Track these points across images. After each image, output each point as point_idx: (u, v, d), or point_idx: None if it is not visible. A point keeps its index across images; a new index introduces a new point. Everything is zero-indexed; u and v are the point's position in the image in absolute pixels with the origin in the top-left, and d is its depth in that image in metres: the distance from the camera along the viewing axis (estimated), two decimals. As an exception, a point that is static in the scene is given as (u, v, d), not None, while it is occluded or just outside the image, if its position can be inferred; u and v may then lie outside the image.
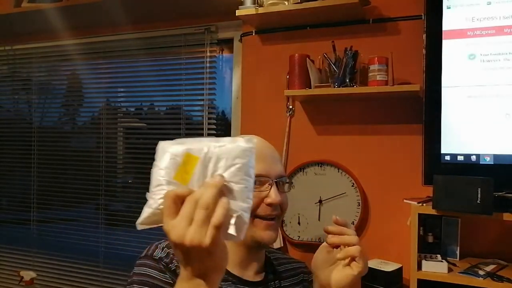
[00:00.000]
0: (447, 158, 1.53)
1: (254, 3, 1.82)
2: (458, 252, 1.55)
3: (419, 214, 1.44)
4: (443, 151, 1.53)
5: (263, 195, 0.89)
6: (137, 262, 0.91)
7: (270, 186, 0.90)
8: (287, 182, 0.96)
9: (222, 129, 2.21)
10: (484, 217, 1.36)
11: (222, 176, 0.55)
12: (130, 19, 2.19)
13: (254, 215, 0.88)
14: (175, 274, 0.86)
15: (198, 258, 0.55)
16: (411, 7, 1.71)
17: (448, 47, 1.53)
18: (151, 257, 0.90)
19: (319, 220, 1.82)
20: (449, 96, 1.52)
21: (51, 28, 2.32)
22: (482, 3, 1.50)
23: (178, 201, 0.55)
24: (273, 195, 0.89)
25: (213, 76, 2.14)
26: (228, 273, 0.90)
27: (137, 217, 0.60)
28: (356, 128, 1.82)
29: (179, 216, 0.54)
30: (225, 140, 0.57)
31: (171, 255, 0.90)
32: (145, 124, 2.48)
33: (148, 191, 0.59)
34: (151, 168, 0.58)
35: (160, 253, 0.90)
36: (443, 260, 1.44)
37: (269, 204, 0.89)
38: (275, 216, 0.91)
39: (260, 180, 0.89)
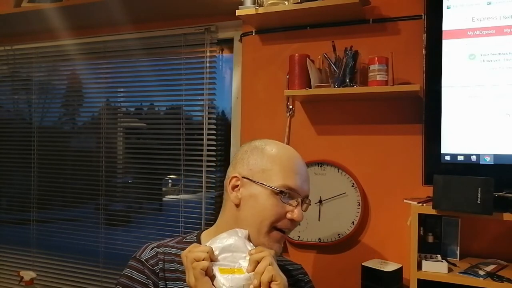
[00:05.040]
0: (447, 158, 1.53)
1: (254, 3, 1.82)
2: (458, 252, 1.55)
3: (419, 214, 1.43)
4: (443, 151, 1.53)
5: (288, 209, 0.91)
6: (128, 263, 0.96)
7: (297, 204, 0.92)
8: (309, 204, 0.98)
9: (222, 129, 2.21)
10: (484, 217, 1.36)
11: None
12: (130, 19, 2.19)
13: (273, 226, 0.90)
14: (158, 276, 0.91)
15: None
16: (411, 7, 1.71)
17: (448, 47, 1.53)
18: (138, 258, 0.94)
19: (319, 220, 1.82)
20: (449, 96, 1.52)
21: (51, 28, 2.32)
22: (482, 3, 1.50)
23: None
24: (298, 213, 0.91)
25: (213, 76, 2.14)
26: None
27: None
28: (356, 128, 1.82)
29: None
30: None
31: (159, 256, 0.93)
32: (145, 124, 2.48)
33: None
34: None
35: (148, 254, 0.94)
36: (443, 260, 1.44)
37: (291, 220, 0.91)
38: (290, 230, 0.94)
39: (291, 194, 0.91)
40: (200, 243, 0.97)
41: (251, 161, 0.94)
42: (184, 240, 1.00)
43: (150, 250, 0.95)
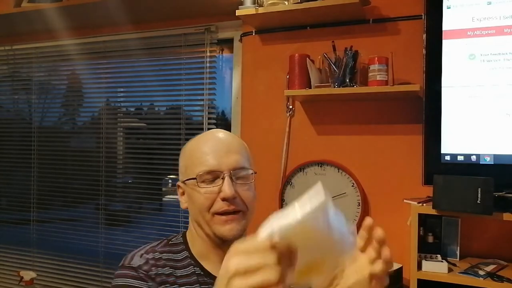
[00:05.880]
0: (447, 158, 1.53)
1: (254, 3, 1.82)
2: (458, 252, 1.55)
3: (419, 214, 1.44)
4: (443, 151, 1.53)
5: (217, 190, 0.85)
6: (116, 273, 0.88)
7: (222, 180, 0.86)
8: (250, 173, 0.90)
9: (222, 129, 2.21)
10: (484, 217, 1.36)
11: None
12: (130, 19, 2.19)
13: (211, 212, 0.86)
14: (155, 281, 0.86)
15: None
16: (411, 7, 1.71)
17: (448, 47, 1.53)
18: (129, 266, 0.87)
19: (319, 220, 1.82)
20: (449, 96, 1.52)
21: (51, 28, 2.32)
22: (482, 3, 1.50)
23: None
24: (226, 188, 0.84)
25: (213, 76, 2.14)
26: (193, 259, 0.90)
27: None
28: (356, 128, 1.82)
29: None
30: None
31: (151, 262, 0.88)
32: (145, 124, 2.48)
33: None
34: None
35: (139, 260, 0.88)
36: (443, 260, 1.45)
37: (223, 199, 0.85)
38: (234, 211, 0.86)
39: (210, 175, 0.86)
40: (186, 244, 0.93)
41: (179, 165, 0.95)
42: (170, 242, 0.94)
43: (140, 257, 0.89)
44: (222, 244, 0.88)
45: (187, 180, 0.90)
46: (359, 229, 0.63)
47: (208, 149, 0.89)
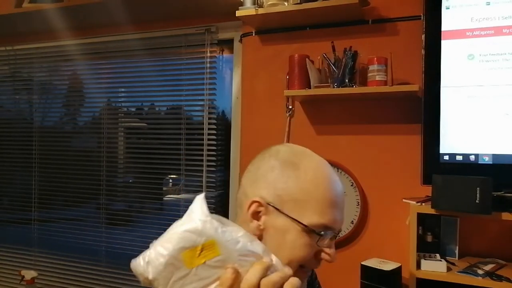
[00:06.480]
0: (446, 157, 1.53)
1: (254, 4, 1.83)
2: (457, 252, 1.56)
3: (418, 214, 1.44)
4: (442, 150, 1.54)
5: (320, 248, 0.73)
6: None
7: (330, 241, 0.73)
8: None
9: (222, 129, 2.22)
10: (483, 216, 1.37)
11: None
12: (131, 20, 2.20)
13: (301, 264, 0.72)
14: None
15: None
16: (410, 8, 1.71)
17: (447, 47, 1.54)
18: None
19: (318, 219, 1.82)
20: (448, 96, 1.53)
21: (52, 28, 2.33)
22: (481, 3, 1.51)
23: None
24: (333, 255, 0.73)
25: (213, 76, 2.15)
26: None
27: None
28: (355, 128, 1.83)
29: None
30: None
31: None
32: (145, 124, 2.49)
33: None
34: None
35: None
36: (442, 260, 1.45)
37: (321, 260, 0.74)
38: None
39: (326, 233, 0.71)
40: None
41: (280, 184, 0.73)
42: None
43: None
44: None
45: (296, 219, 0.71)
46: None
47: (337, 199, 0.75)
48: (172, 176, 2.38)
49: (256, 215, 0.73)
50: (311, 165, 0.75)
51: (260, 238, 0.72)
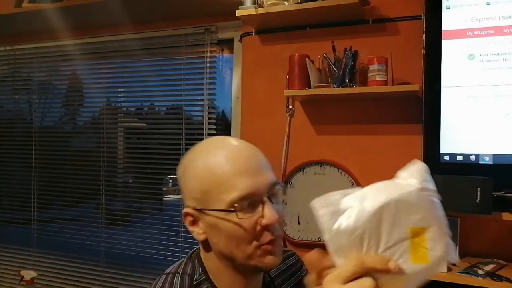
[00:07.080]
0: (447, 158, 1.53)
1: (254, 4, 1.83)
2: (457, 252, 1.55)
3: (419, 214, 1.44)
4: (442, 151, 1.53)
5: (256, 218, 0.71)
6: None
7: (262, 205, 0.71)
8: (282, 187, 0.78)
9: (222, 129, 2.22)
10: (484, 216, 1.37)
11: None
12: (130, 19, 2.19)
13: (255, 245, 0.72)
14: None
15: None
16: (410, 8, 1.71)
17: (447, 47, 1.54)
18: None
19: (319, 219, 1.82)
20: (449, 96, 1.53)
21: (51, 28, 2.33)
22: (482, 3, 1.50)
23: None
24: (268, 215, 0.70)
25: (213, 76, 2.15)
26: None
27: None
28: (355, 128, 1.82)
29: None
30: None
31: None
32: (145, 124, 2.48)
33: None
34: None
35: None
36: (442, 260, 1.45)
37: (266, 227, 0.71)
38: (277, 237, 0.74)
39: (247, 201, 0.70)
40: (210, 281, 0.77)
41: (189, 187, 0.76)
42: (194, 282, 0.77)
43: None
44: (255, 274, 0.79)
45: (212, 209, 0.72)
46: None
47: (237, 167, 0.71)
48: (171, 176, 2.38)
49: (193, 224, 0.76)
50: (202, 154, 0.77)
51: (206, 241, 0.76)
